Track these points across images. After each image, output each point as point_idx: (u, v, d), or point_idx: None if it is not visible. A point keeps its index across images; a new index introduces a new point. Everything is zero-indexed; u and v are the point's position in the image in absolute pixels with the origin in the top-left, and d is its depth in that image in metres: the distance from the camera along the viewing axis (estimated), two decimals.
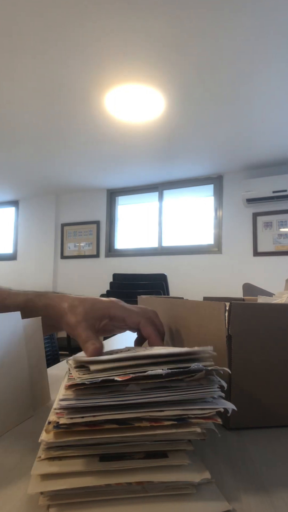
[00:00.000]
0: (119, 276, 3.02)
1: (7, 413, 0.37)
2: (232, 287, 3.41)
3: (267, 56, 1.84)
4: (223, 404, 0.26)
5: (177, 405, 0.26)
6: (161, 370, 0.26)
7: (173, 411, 0.25)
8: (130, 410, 0.25)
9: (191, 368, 0.26)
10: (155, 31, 1.68)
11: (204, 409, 0.26)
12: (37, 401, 0.43)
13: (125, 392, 0.26)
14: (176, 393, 0.26)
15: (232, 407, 0.26)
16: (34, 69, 1.97)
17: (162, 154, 3.18)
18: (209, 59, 1.88)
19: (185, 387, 0.27)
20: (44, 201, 4.50)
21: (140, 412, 0.25)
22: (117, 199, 4.26)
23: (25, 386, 0.40)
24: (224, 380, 0.28)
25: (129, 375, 0.26)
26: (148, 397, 0.26)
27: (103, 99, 2.28)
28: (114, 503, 0.23)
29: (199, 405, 0.26)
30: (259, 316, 0.38)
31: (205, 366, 0.27)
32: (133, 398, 0.25)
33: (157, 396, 0.26)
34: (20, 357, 0.39)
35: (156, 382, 0.26)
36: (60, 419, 0.24)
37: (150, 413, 0.25)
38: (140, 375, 0.26)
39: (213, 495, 0.24)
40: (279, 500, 0.25)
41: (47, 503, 0.23)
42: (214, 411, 0.26)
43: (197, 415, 0.25)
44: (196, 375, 0.27)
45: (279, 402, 0.39)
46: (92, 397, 0.25)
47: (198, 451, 0.29)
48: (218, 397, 0.27)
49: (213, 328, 0.41)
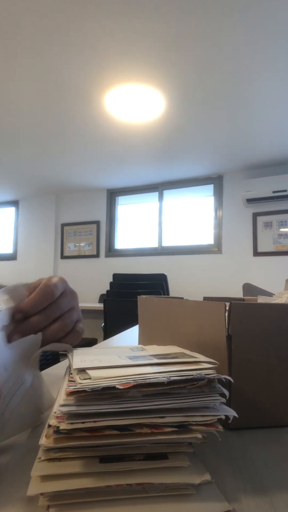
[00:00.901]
0: (119, 276, 3.02)
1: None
2: (232, 287, 3.42)
3: (267, 56, 1.84)
4: (225, 410, 0.26)
5: (178, 412, 0.26)
6: (163, 377, 0.26)
7: (174, 418, 0.25)
8: (131, 416, 0.25)
9: (194, 377, 0.26)
10: (155, 31, 1.68)
11: (205, 415, 0.26)
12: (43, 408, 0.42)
13: (126, 399, 0.26)
14: (178, 400, 0.26)
15: (233, 414, 0.26)
16: (34, 69, 1.97)
17: (162, 154, 3.18)
18: (209, 59, 1.88)
19: (187, 394, 0.27)
20: (44, 201, 4.50)
21: (141, 419, 0.25)
22: (117, 199, 4.26)
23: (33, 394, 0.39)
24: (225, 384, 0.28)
25: (130, 382, 0.25)
26: (149, 404, 0.26)
27: (103, 99, 2.28)
28: (114, 503, 0.23)
29: (200, 412, 0.26)
30: (259, 316, 0.38)
31: (207, 375, 0.27)
32: (134, 405, 0.25)
33: (159, 403, 0.26)
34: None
35: (157, 389, 0.26)
36: (60, 424, 0.24)
37: (151, 419, 0.25)
38: (142, 382, 0.26)
39: (213, 495, 0.24)
40: (279, 500, 0.25)
41: (47, 504, 0.23)
42: (216, 418, 0.26)
43: (198, 422, 0.25)
44: (198, 383, 0.27)
45: (279, 402, 0.39)
46: (93, 403, 0.25)
47: (198, 451, 0.29)
48: (219, 404, 0.27)
49: (213, 328, 0.41)
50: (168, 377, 0.26)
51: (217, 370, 0.30)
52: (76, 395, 0.25)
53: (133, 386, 0.25)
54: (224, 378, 0.28)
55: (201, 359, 0.31)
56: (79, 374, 0.29)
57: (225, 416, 0.26)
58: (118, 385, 0.25)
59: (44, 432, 0.26)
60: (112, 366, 0.30)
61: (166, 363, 0.30)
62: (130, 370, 0.28)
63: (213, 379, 0.28)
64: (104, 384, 0.25)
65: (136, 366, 0.29)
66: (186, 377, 0.26)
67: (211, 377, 0.27)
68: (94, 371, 0.28)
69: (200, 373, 0.27)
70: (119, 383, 0.25)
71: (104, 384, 0.25)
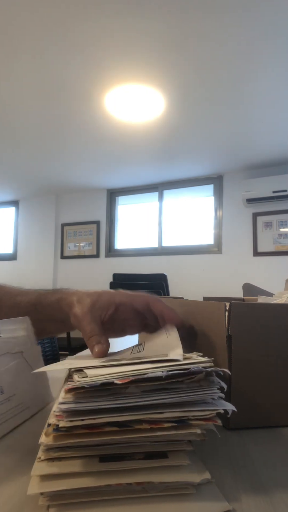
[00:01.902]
0: (119, 276, 3.02)
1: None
2: (232, 287, 3.41)
3: (267, 56, 1.84)
4: (223, 405, 0.26)
5: (177, 407, 0.26)
6: (160, 372, 0.26)
7: (173, 413, 0.25)
8: (130, 412, 0.25)
9: (191, 370, 0.26)
10: (155, 31, 1.68)
11: (204, 410, 0.26)
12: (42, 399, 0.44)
13: (125, 395, 0.26)
14: (176, 395, 0.26)
15: (232, 408, 0.26)
16: (34, 69, 1.97)
17: (162, 154, 3.18)
18: (209, 59, 1.88)
19: (185, 389, 0.27)
20: (44, 201, 4.50)
21: (140, 414, 0.25)
22: (117, 199, 4.26)
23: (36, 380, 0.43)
24: (224, 380, 0.28)
25: (128, 377, 0.25)
26: (148, 400, 0.26)
27: (103, 99, 2.28)
28: (114, 503, 0.23)
29: (199, 407, 0.26)
30: (259, 316, 0.38)
31: (204, 368, 0.27)
32: (133, 401, 0.25)
33: (157, 399, 0.26)
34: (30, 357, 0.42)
35: (156, 384, 0.26)
36: (59, 422, 0.24)
37: (150, 415, 0.25)
38: (140, 377, 0.26)
39: (213, 495, 0.24)
40: (279, 500, 0.25)
41: (47, 503, 0.23)
42: (214, 412, 0.26)
43: (197, 416, 0.25)
44: (196, 377, 0.27)
45: (279, 402, 0.39)
46: (91, 400, 0.25)
47: (198, 451, 0.29)
48: (218, 398, 0.27)
49: (213, 328, 0.41)
50: (166, 371, 0.26)
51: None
52: (75, 392, 0.25)
53: (131, 381, 0.25)
54: (221, 371, 0.28)
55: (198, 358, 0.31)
56: (77, 373, 0.29)
57: (224, 411, 0.26)
58: (116, 380, 0.25)
59: (44, 430, 0.26)
60: (109, 365, 0.30)
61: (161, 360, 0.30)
62: (128, 367, 0.28)
63: (211, 372, 0.28)
64: (103, 380, 0.25)
65: (133, 364, 0.29)
66: (183, 371, 0.26)
67: (209, 370, 0.27)
68: (91, 370, 0.28)
69: (198, 366, 0.27)
70: (117, 379, 0.25)
71: (102, 380, 0.25)
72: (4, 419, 0.36)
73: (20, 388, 0.39)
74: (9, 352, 0.39)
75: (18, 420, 0.38)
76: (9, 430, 0.36)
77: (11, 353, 0.39)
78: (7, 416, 0.36)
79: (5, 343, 0.39)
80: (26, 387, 0.40)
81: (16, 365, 0.39)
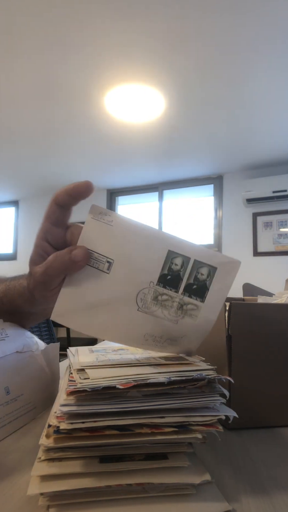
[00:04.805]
0: None
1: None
2: (232, 287, 3.41)
3: (267, 56, 1.84)
4: (225, 410, 0.26)
5: (178, 412, 0.26)
6: (163, 378, 0.26)
7: (174, 418, 0.25)
8: (131, 416, 0.25)
9: (194, 377, 0.26)
10: (155, 31, 1.68)
11: (205, 416, 0.26)
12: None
13: (126, 399, 0.26)
14: (178, 400, 0.26)
15: (234, 414, 0.26)
16: (34, 69, 1.97)
17: (162, 154, 3.18)
18: (209, 59, 1.88)
19: (187, 394, 0.27)
20: (44, 201, 4.49)
21: (141, 419, 0.25)
22: (117, 199, 4.26)
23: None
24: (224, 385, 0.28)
25: (131, 382, 0.25)
26: (149, 404, 0.26)
27: (103, 99, 2.28)
28: (114, 503, 0.23)
29: (200, 412, 0.26)
30: (259, 316, 0.38)
31: (207, 375, 0.27)
32: (134, 405, 0.25)
33: (159, 403, 0.26)
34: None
35: (158, 389, 0.26)
36: (60, 424, 0.24)
37: (151, 419, 0.25)
38: (142, 382, 0.26)
39: (213, 495, 0.24)
40: (279, 500, 0.25)
41: (47, 504, 0.23)
42: (216, 418, 0.26)
43: (198, 422, 0.25)
44: (198, 383, 0.27)
45: (279, 402, 0.39)
46: (93, 403, 0.25)
47: (198, 451, 0.29)
48: (220, 404, 0.27)
49: (213, 328, 0.41)
50: (169, 377, 0.26)
51: (217, 370, 0.30)
52: (77, 395, 0.25)
53: (133, 386, 0.25)
54: (224, 379, 0.28)
55: (200, 364, 0.31)
56: (79, 373, 0.28)
57: (225, 416, 0.26)
58: (118, 385, 0.25)
59: (44, 431, 0.26)
60: (112, 365, 0.30)
61: (166, 364, 0.30)
62: (130, 370, 0.28)
63: (213, 380, 0.27)
64: (105, 384, 0.25)
65: (136, 366, 0.29)
66: (186, 377, 0.26)
67: (212, 377, 0.27)
68: (93, 371, 0.28)
69: (201, 373, 0.27)
70: (120, 383, 0.25)
71: (104, 384, 0.25)
72: (8, 420, 0.35)
73: (28, 388, 0.39)
74: (18, 351, 0.39)
75: (24, 420, 0.38)
76: (13, 430, 0.36)
77: (20, 352, 0.39)
78: (12, 416, 0.36)
79: (13, 342, 0.39)
80: (36, 386, 0.40)
81: (25, 365, 0.39)
